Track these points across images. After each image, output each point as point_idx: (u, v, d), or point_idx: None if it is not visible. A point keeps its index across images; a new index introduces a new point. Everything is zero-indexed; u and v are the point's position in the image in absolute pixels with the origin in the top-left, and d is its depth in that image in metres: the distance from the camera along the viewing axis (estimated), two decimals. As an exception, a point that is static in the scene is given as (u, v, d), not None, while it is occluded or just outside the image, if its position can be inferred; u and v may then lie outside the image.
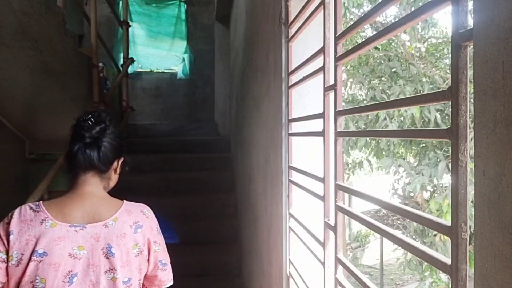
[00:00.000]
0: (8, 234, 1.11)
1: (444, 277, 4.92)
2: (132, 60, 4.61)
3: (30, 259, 1.09)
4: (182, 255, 3.53)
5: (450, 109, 0.65)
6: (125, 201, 1.27)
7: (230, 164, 4.45)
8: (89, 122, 1.23)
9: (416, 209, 0.99)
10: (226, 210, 3.90)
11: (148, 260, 1.23)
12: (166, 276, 1.28)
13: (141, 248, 1.20)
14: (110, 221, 1.18)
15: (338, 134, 1.17)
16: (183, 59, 7.00)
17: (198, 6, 7.01)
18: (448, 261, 0.67)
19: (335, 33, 1.16)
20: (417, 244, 0.77)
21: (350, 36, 1.16)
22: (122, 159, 1.32)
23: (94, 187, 1.23)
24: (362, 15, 1.43)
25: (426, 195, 5.65)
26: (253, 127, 2.71)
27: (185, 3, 7.05)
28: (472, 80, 0.60)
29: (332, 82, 1.21)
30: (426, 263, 4.70)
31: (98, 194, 1.24)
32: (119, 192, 1.32)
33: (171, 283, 1.31)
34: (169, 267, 1.29)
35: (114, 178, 1.31)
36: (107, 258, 1.15)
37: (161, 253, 1.26)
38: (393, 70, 5.08)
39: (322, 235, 1.30)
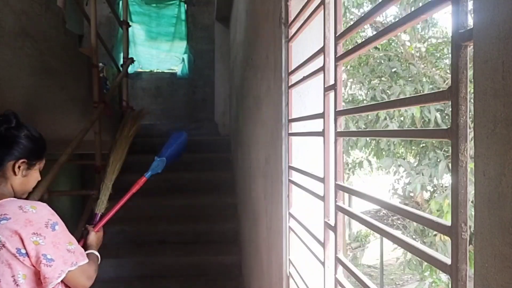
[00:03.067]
0: None
1: (444, 277, 4.92)
2: (132, 60, 4.61)
3: None
4: (182, 255, 3.54)
5: (450, 109, 0.65)
6: (13, 198, 1.30)
7: (230, 164, 4.45)
8: None
9: (416, 209, 0.99)
10: (226, 210, 3.90)
11: (28, 252, 1.20)
12: (51, 272, 1.22)
13: (3, 241, 1.19)
14: None
15: (338, 134, 1.17)
16: (183, 60, 7.00)
17: (198, 6, 7.01)
18: (448, 261, 0.67)
19: (335, 33, 1.16)
20: (417, 244, 0.77)
21: (350, 36, 1.16)
22: (21, 161, 1.33)
23: None
24: (362, 15, 1.43)
25: (426, 195, 5.65)
26: (253, 127, 2.71)
27: (185, 3, 7.04)
28: (472, 80, 0.60)
29: (332, 82, 1.21)
30: (426, 263, 4.70)
31: None
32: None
33: (58, 280, 1.24)
34: (56, 264, 1.23)
35: (16, 179, 1.33)
36: None
37: (47, 247, 1.22)
38: (393, 70, 5.08)
39: (322, 235, 1.30)
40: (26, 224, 1.21)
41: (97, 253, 1.53)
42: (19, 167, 1.32)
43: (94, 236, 1.62)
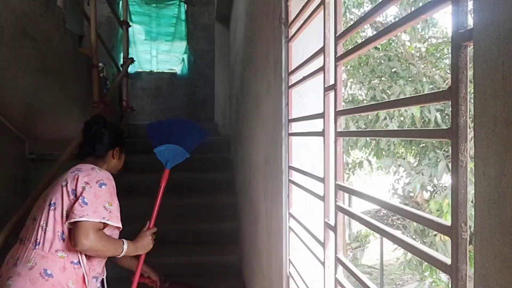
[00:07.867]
0: None
1: (444, 277, 4.92)
2: (132, 60, 4.61)
3: None
4: (183, 255, 3.54)
5: (450, 109, 0.65)
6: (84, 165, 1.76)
7: (230, 164, 4.45)
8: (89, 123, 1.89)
9: (416, 209, 0.99)
10: (226, 210, 3.89)
11: (76, 193, 1.65)
12: (78, 211, 1.58)
13: (68, 181, 1.67)
14: None
15: (338, 134, 1.17)
16: (183, 60, 7.00)
17: (198, 6, 7.01)
18: (448, 261, 0.67)
19: (335, 33, 1.16)
20: (417, 244, 0.77)
21: (350, 36, 1.16)
22: (116, 148, 1.87)
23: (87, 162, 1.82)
24: (362, 15, 1.43)
25: (426, 195, 5.65)
26: (253, 127, 2.71)
27: (185, 3, 7.04)
28: (472, 80, 0.60)
29: (332, 82, 1.21)
30: (426, 263, 4.69)
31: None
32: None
33: (80, 219, 1.57)
34: (87, 208, 1.59)
35: (112, 162, 1.87)
36: None
37: (88, 194, 1.62)
38: (393, 70, 5.08)
39: (322, 235, 1.30)
40: (85, 175, 1.64)
41: (125, 245, 1.77)
42: (116, 152, 1.86)
43: (142, 235, 2.01)
